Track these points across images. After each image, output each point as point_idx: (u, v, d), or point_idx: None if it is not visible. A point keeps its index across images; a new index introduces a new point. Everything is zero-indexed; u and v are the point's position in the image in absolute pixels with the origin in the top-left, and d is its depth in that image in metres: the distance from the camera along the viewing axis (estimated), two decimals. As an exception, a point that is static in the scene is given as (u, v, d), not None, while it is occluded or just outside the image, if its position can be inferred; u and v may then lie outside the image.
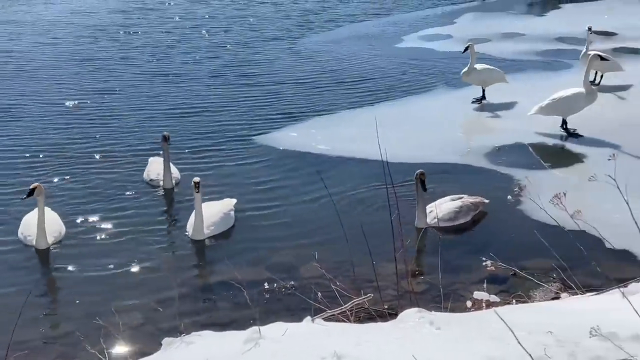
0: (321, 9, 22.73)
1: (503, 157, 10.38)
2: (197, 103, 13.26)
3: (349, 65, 16.14)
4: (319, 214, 8.67)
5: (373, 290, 6.26)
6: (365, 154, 10.26)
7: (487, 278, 7.06)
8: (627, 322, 3.75)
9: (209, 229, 8.07)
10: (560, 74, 14.63)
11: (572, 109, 10.93)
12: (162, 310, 6.64)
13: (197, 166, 10.11)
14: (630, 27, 18.78)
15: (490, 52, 16.72)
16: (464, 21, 20.80)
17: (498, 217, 8.60)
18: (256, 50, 17.43)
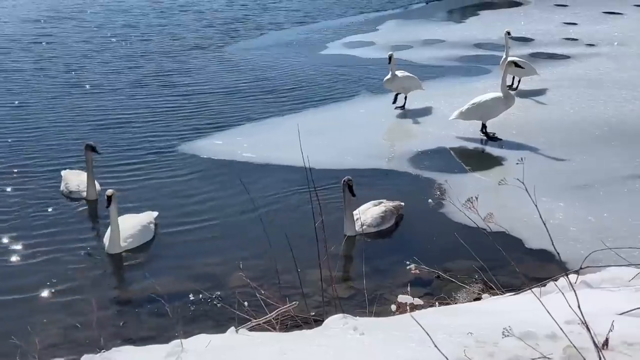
0: (245, 17, 22.65)
1: (426, 161, 10.56)
2: (118, 114, 12.93)
3: (274, 72, 16.13)
4: (243, 223, 8.59)
5: (299, 298, 6.24)
6: (291, 161, 10.24)
7: (412, 281, 7.15)
8: (544, 321, 3.85)
9: (126, 242, 7.87)
10: (479, 79, 15.02)
11: (490, 113, 11.23)
12: (80, 326, 6.44)
13: (120, 178, 9.87)
14: (545, 33, 19.47)
15: (412, 58, 17.02)
16: (386, 28, 21.10)
17: (421, 221, 8.74)
18: (180, 59, 17.19)
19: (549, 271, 7.04)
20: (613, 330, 3.66)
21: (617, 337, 3.74)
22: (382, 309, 6.38)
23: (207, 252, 7.97)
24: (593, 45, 18.00)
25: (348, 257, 7.85)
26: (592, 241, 7.75)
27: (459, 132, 11.66)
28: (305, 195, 8.82)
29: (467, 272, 7.23)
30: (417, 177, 10.07)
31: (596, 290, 4.84)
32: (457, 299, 6.75)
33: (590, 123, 11.85)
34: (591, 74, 15.10)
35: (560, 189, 9.34)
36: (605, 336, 3.67)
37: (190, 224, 8.64)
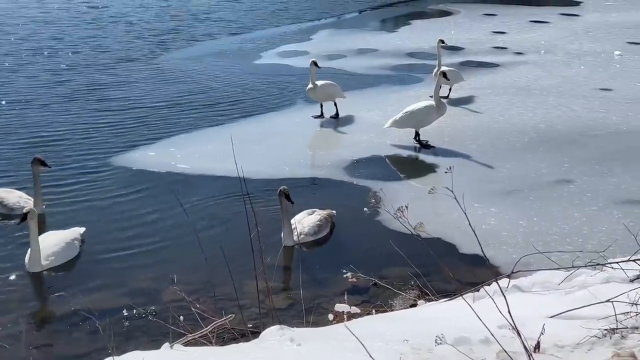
0: (177, 28, 22.32)
1: (361, 169, 10.63)
2: (47, 130, 12.45)
3: (208, 82, 15.98)
4: (177, 236, 8.44)
5: (236, 310, 6.17)
6: (226, 172, 10.15)
7: (349, 290, 7.17)
8: (478, 327, 3.90)
9: (48, 260, 7.60)
10: (412, 88, 15.24)
11: (423, 121, 11.41)
12: (8, 347, 6.21)
13: (50, 195, 9.53)
14: (475, 42, 19.91)
15: (346, 67, 17.14)
16: (320, 38, 21.20)
17: (357, 230, 8.77)
18: (110, 72, 16.76)
19: (482, 276, 7.14)
20: (544, 333, 3.74)
21: (549, 339, 3.82)
22: (319, 318, 6.37)
23: (140, 266, 7.79)
24: (521, 53, 18.49)
25: (285, 267, 7.81)
26: (523, 245, 7.94)
27: (393, 140, 11.79)
28: (241, 206, 8.74)
29: (403, 279, 7.31)
30: (353, 185, 10.12)
31: (527, 293, 4.94)
32: (393, 306, 6.80)
33: (519, 129, 12.15)
34: (520, 81, 15.51)
35: (491, 194, 9.53)
36: (536, 339, 3.74)
37: (122, 239, 8.45)
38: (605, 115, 12.85)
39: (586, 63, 17.22)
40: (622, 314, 4.16)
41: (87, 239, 8.29)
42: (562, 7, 26.15)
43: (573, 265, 5.26)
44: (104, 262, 7.92)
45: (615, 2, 27.09)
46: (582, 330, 4.04)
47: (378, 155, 11.24)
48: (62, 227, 8.37)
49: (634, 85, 14.98)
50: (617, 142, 11.53)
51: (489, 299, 4.25)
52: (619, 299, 4.27)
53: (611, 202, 9.20)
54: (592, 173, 10.22)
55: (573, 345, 3.81)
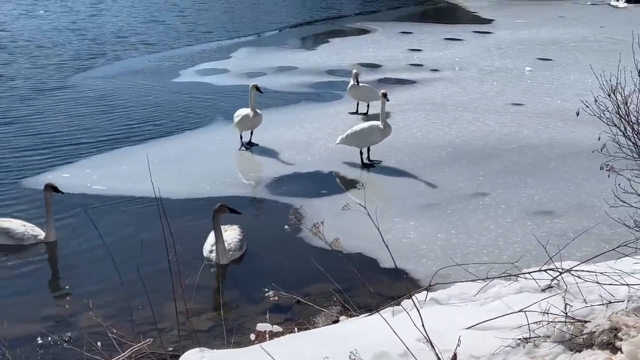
0: (91, 48, 21.72)
1: (283, 187, 10.62)
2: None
3: (124, 101, 15.68)
4: (93, 259, 8.21)
5: (155, 334, 6.02)
6: (144, 192, 9.95)
7: (271, 308, 7.14)
8: (397, 341, 3.93)
9: None
10: (331, 105, 15.38)
11: (366, 141, 11.43)
12: None
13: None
14: (392, 59, 20.28)
15: (266, 85, 17.02)
16: (240, 55, 21.15)
17: (278, 247, 8.74)
18: (22, 94, 16.15)
19: (402, 289, 7.23)
20: (460, 344, 3.80)
21: (465, 351, 3.89)
22: (241, 338, 6.30)
23: (53, 292, 7.55)
24: (437, 70, 18.95)
25: (206, 287, 7.67)
26: (442, 258, 8.09)
27: (314, 157, 11.85)
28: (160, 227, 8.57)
29: (325, 295, 7.32)
30: (274, 202, 10.11)
31: (444, 306, 5.02)
32: (316, 323, 6.80)
33: (436, 144, 12.43)
34: (436, 97, 15.88)
35: (410, 208, 9.69)
36: (453, 351, 3.80)
37: (33, 264, 8.15)
38: (517, 129, 13.29)
39: (498, 79, 17.80)
40: (534, 323, 4.28)
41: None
42: (475, 25, 27.02)
43: (488, 276, 5.39)
44: (15, 288, 7.61)
45: (525, 20, 28.18)
46: (496, 340, 4.14)
47: (299, 172, 11.26)
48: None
49: (543, 100, 15.58)
50: (529, 155, 11.93)
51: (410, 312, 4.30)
52: (531, 308, 4.40)
53: (525, 214, 9.50)
54: (506, 185, 10.54)
55: (488, 356, 3.89)
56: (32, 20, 25.90)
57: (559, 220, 9.29)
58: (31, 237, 8.60)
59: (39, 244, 8.62)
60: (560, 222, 9.20)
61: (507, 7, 32.62)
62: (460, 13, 32.12)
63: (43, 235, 8.64)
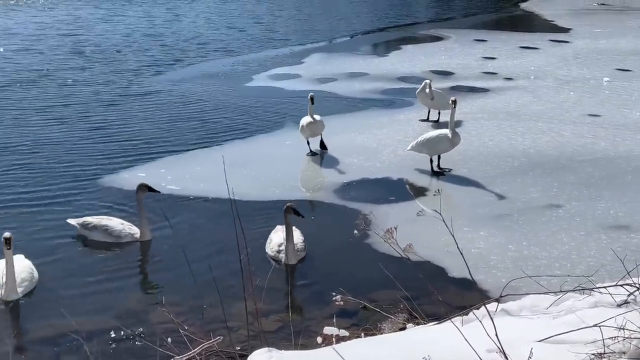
0: (168, 51, 22.34)
1: (351, 192, 10.64)
2: (32, 150, 12.37)
3: (198, 104, 16.01)
4: (166, 257, 8.45)
5: (224, 332, 6.14)
6: (215, 193, 10.17)
7: (338, 312, 7.17)
8: (467, 351, 3.90)
9: (22, 287, 7.44)
10: (402, 111, 15.31)
11: (435, 149, 11.32)
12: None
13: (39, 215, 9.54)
14: (465, 67, 20.06)
15: (336, 90, 17.21)
16: (311, 61, 21.30)
17: (347, 252, 8.77)
18: (100, 92, 16.75)
19: (471, 299, 7.15)
20: (532, 357, 3.74)
21: (536, 363, 3.82)
22: (308, 341, 6.34)
23: (128, 288, 7.77)
24: (511, 78, 18.64)
25: (275, 288, 7.74)
26: (512, 269, 7.96)
27: (383, 163, 11.83)
28: (231, 227, 8.73)
29: (392, 302, 7.29)
30: (342, 208, 10.13)
31: (515, 317, 4.94)
32: (382, 329, 6.78)
33: (508, 154, 12.22)
34: (509, 106, 15.63)
35: (481, 218, 9.56)
36: (524, 363, 3.75)
37: (122, 261, 8.45)
38: (593, 141, 12.95)
39: (575, 89, 17.37)
40: (609, 338, 4.18)
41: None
42: (551, 34, 26.43)
43: (561, 289, 5.28)
44: (91, 284, 7.87)
45: (603, 30, 27.40)
46: (569, 354, 4.05)
47: (367, 178, 11.26)
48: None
49: (622, 111, 15.12)
50: (605, 167, 11.60)
51: (478, 323, 4.25)
52: (606, 323, 4.29)
53: (599, 227, 9.24)
54: (580, 198, 10.28)
55: (561, 370, 3.82)
56: (110, 25, 26.70)
57: (635, 235, 9.00)
58: (128, 235, 8.79)
59: (134, 243, 8.84)
60: (637, 237, 8.91)
61: (585, 16, 31.79)
62: (536, 21, 31.47)
63: (139, 234, 8.83)
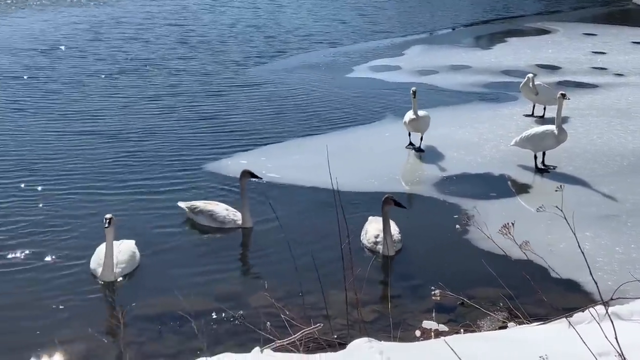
0: (270, 39, 22.74)
1: (451, 186, 10.51)
2: (137, 136, 12.82)
3: (298, 94, 16.18)
4: (267, 243, 8.62)
5: (323, 320, 6.20)
6: (314, 183, 10.29)
7: (436, 307, 7.11)
8: (573, 352, 3.80)
9: (119, 269, 7.66)
10: (505, 106, 14.97)
11: (540, 145, 11.00)
12: (106, 341, 6.46)
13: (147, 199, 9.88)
14: (573, 61, 19.39)
15: (438, 83, 17.01)
16: (412, 53, 21.12)
17: (443, 245, 8.70)
18: (203, 81, 17.17)
19: (575, 301, 6.98)
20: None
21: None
22: (405, 334, 6.32)
23: (230, 270, 7.99)
24: (622, 74, 17.87)
25: (374, 279, 7.75)
26: (619, 272, 7.68)
27: (484, 158, 11.61)
28: (331, 216, 8.80)
29: (491, 299, 7.19)
30: (441, 202, 10.02)
31: (627, 322, 4.76)
32: (481, 327, 6.68)
33: (617, 153, 11.75)
34: (620, 103, 15.00)
35: (587, 218, 9.21)
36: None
37: (226, 245, 8.71)
38: None
39: (692, 87, 16.48)
40: None
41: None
42: (667, 28, 25.15)
43: (676, 295, 5.04)
44: (194, 267, 8.12)
45: None
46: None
47: (468, 172, 11.08)
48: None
49: None
50: None
51: (587, 325, 4.14)
52: None
53: None
54: (695, 201, 9.77)
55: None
56: (214, 16, 27.30)
57: None
58: (231, 222, 8.97)
59: (237, 229, 9.03)
60: None
61: None
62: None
63: (241, 221, 9.00)
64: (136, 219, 9.25)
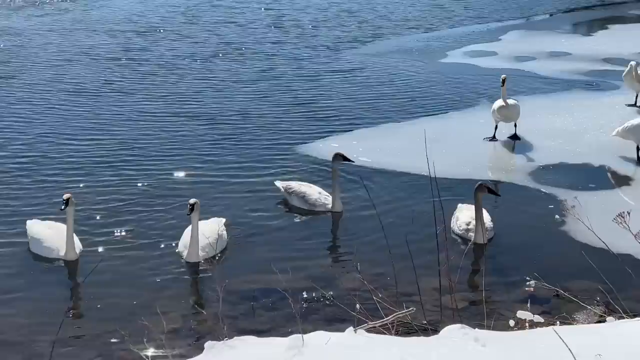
0: (363, 24, 22.67)
1: (547, 176, 10.24)
2: (237, 116, 13.11)
3: (391, 78, 16.10)
4: (358, 227, 8.66)
5: (414, 305, 6.18)
6: (405, 167, 10.28)
7: (530, 297, 6.97)
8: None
9: (204, 252, 7.78)
10: (606, 94, 14.47)
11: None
12: (205, 313, 6.68)
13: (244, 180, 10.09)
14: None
15: (536, 70, 16.57)
16: (509, 38, 20.63)
17: (541, 236, 8.49)
18: (297, 63, 17.37)
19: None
20: None
21: None
22: (498, 323, 6.21)
23: (319, 253, 8.11)
24: None
25: (465, 267, 7.64)
26: None
27: (583, 148, 11.24)
28: (421, 202, 8.78)
29: (587, 292, 6.99)
30: (536, 191, 9.79)
31: None
32: (577, 320, 6.51)
33: None
34: None
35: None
36: None
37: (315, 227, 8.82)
38: None
39: None
40: None
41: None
42: None
43: None
44: (285, 247, 8.23)
45: None
46: None
47: (566, 162, 10.76)
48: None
49: None
50: None
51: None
52: None
53: None
54: None
55: None
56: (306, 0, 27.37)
57: None
58: (322, 205, 9.02)
59: (327, 212, 9.09)
60: None
61: None
62: None
63: (331, 205, 9.02)
64: (231, 200, 9.45)
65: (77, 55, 17.78)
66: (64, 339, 5.91)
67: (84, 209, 8.75)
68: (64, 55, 17.77)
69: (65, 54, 17.93)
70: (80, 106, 13.57)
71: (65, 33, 20.57)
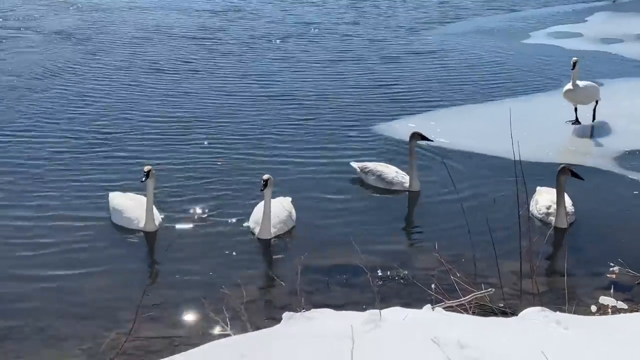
0: (444, 4, 22.31)
1: (633, 161, 9.89)
2: (314, 96, 13.12)
3: (470, 59, 15.83)
4: (434, 206, 8.59)
5: (492, 287, 6.10)
6: (484, 149, 10.13)
7: (612, 284, 6.78)
8: None
9: (276, 228, 7.79)
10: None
11: None
12: (283, 285, 6.79)
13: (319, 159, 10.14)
14: None
15: (623, 53, 15.98)
16: (595, 20, 19.96)
17: (625, 223, 8.23)
18: (377, 44, 17.25)
19: None
20: None
21: None
22: (579, 308, 6.07)
23: (395, 230, 8.11)
24: None
25: (546, 250, 7.48)
26: None
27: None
28: (500, 184, 8.60)
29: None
30: (622, 177, 9.48)
31: None
32: (661, 308, 6.29)
33: None
34: None
35: None
36: None
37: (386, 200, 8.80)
38: None
39: None
40: None
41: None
42: None
43: None
44: (358, 225, 8.19)
45: None
46: None
47: (653, 149, 10.37)
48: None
49: None
50: None
51: None
52: None
53: None
54: None
55: None
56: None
57: None
58: (399, 183, 8.96)
59: (404, 192, 9.00)
60: None
61: None
62: None
63: (408, 183, 8.95)
64: (306, 179, 9.47)
65: (156, 34, 18.12)
66: (147, 306, 6.09)
67: (161, 184, 8.94)
68: (142, 34, 18.14)
69: (144, 32, 18.32)
70: (160, 84, 13.83)
71: (144, 12, 21.00)
